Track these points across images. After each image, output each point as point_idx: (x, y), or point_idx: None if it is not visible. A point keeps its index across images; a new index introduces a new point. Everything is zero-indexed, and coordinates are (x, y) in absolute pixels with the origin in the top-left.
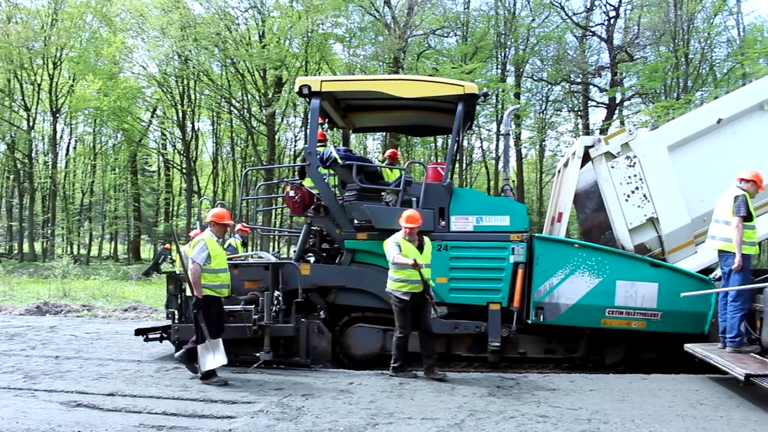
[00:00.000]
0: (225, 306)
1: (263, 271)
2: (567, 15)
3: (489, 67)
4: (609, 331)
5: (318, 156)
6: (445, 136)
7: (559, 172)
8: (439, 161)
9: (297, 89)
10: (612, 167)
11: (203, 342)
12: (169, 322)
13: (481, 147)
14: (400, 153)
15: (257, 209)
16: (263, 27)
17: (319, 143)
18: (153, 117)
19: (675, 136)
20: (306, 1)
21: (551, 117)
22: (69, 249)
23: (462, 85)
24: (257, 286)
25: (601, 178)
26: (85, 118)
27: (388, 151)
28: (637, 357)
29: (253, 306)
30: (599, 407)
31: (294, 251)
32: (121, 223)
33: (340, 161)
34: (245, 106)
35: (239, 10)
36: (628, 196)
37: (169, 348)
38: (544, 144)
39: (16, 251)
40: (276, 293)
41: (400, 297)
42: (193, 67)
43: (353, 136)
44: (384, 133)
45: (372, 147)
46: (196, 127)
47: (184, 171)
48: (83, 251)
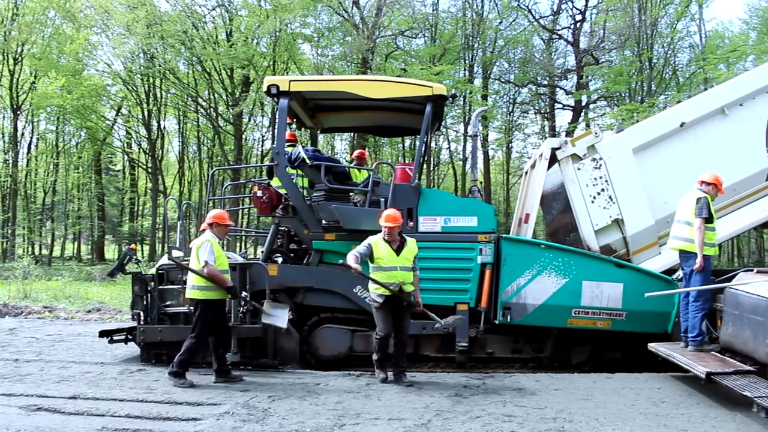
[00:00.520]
0: (192, 307)
1: (230, 272)
2: (534, 18)
3: (457, 69)
4: (575, 331)
5: (286, 156)
6: (413, 137)
7: (527, 173)
8: (407, 162)
9: (265, 89)
10: (578, 169)
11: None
12: (135, 323)
13: (449, 148)
14: (367, 153)
15: (224, 209)
16: (231, 26)
17: (290, 143)
18: (118, 115)
19: (640, 138)
20: (274, 1)
21: (518, 119)
22: (30, 249)
23: (430, 86)
24: None
25: (568, 179)
26: (48, 115)
27: (355, 152)
28: (603, 356)
29: None
30: (564, 406)
31: (261, 252)
32: (85, 223)
33: (308, 161)
34: (212, 105)
35: (206, 8)
36: (594, 197)
37: (134, 350)
38: (511, 146)
39: None
40: (243, 294)
41: (374, 298)
42: (159, 65)
43: (321, 136)
44: (352, 134)
45: (340, 147)
46: (161, 126)
47: (149, 170)
48: (45, 252)
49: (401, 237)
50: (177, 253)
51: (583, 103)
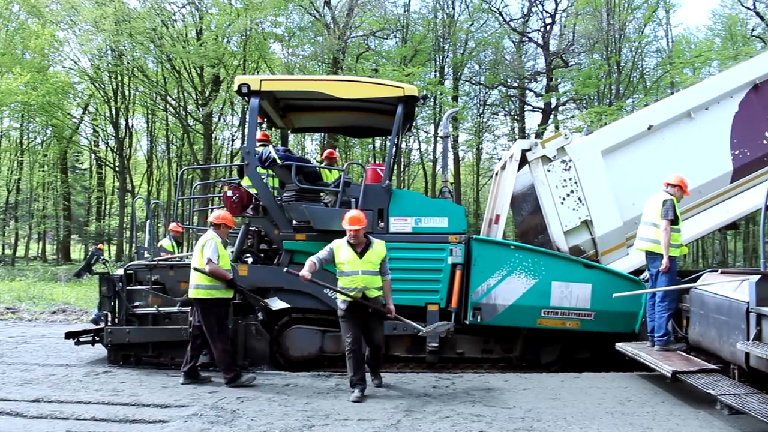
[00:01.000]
0: (160, 308)
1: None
2: (505, 20)
3: (427, 70)
4: (544, 331)
5: (257, 156)
6: (384, 137)
7: (497, 174)
8: (378, 162)
9: (236, 88)
10: (548, 171)
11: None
12: (102, 324)
13: (419, 149)
14: (338, 154)
15: (193, 209)
16: (201, 24)
17: (261, 143)
18: (85, 113)
19: (608, 141)
20: None
21: (488, 120)
22: None
23: (402, 87)
24: None
25: (538, 181)
26: (12, 112)
27: (326, 152)
28: (572, 356)
29: (190, 308)
30: (533, 406)
31: (231, 252)
32: (50, 223)
33: (278, 161)
34: (181, 104)
35: (176, 5)
36: (563, 199)
37: (100, 352)
38: (481, 147)
39: None
40: None
41: (339, 305)
42: (128, 63)
43: (291, 136)
44: (322, 134)
45: (310, 147)
46: (130, 125)
47: (117, 169)
48: (8, 252)
49: (367, 239)
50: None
51: (553, 106)
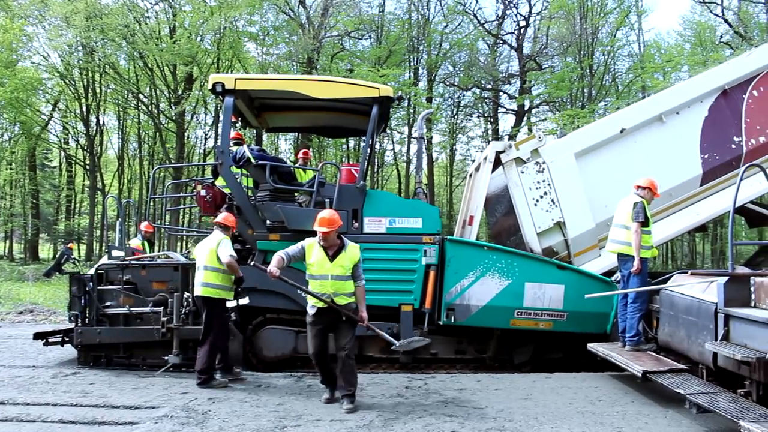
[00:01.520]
0: (132, 308)
1: (172, 272)
2: (479, 23)
3: (402, 71)
4: (517, 332)
5: (231, 155)
6: (358, 137)
7: (471, 176)
8: (352, 163)
9: (210, 86)
10: (522, 172)
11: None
12: (72, 325)
13: (393, 150)
14: (312, 154)
15: (166, 208)
16: (174, 21)
17: (235, 142)
18: (54, 110)
19: (581, 143)
20: None
21: (462, 122)
22: None
23: (377, 88)
24: (166, 287)
25: (512, 182)
26: None
27: (300, 152)
28: (544, 357)
29: (162, 308)
30: (504, 406)
31: None
32: (18, 221)
33: (253, 161)
34: (154, 101)
35: (149, 2)
36: (536, 200)
37: (69, 353)
38: (454, 148)
39: None
40: (186, 294)
41: (308, 309)
42: (99, 60)
43: (265, 135)
44: (296, 134)
45: (284, 147)
46: (101, 122)
47: (87, 167)
48: None
49: (341, 241)
50: (117, 253)
51: (526, 108)
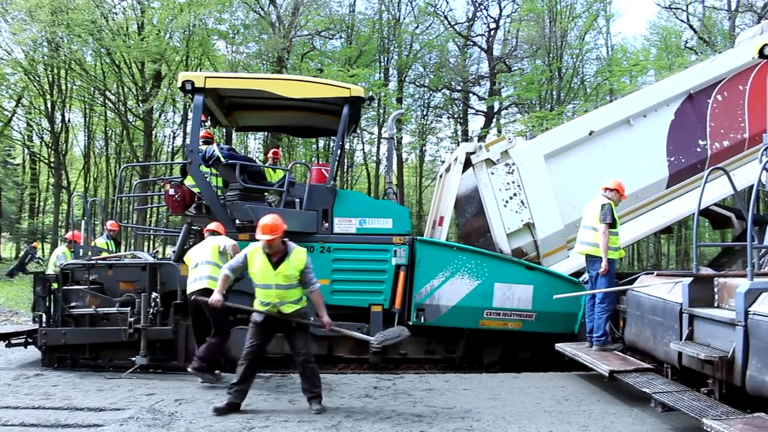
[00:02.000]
0: (99, 308)
1: (140, 272)
2: (450, 24)
3: (372, 71)
4: (487, 332)
5: (200, 154)
6: (328, 137)
7: (441, 176)
8: (322, 163)
9: (180, 84)
10: (492, 173)
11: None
12: (36, 326)
13: (363, 150)
14: (281, 153)
15: (133, 207)
16: (142, 18)
17: (204, 141)
18: (18, 106)
19: (551, 145)
20: None
21: (432, 123)
22: None
23: (348, 88)
24: (133, 287)
25: (482, 183)
26: None
27: (270, 151)
28: (513, 357)
29: (129, 308)
30: (473, 406)
31: (173, 251)
32: None
33: (222, 160)
34: (121, 99)
35: None
36: (506, 201)
37: (33, 354)
38: (424, 149)
39: None
40: (153, 295)
41: (254, 315)
42: (65, 56)
43: (235, 134)
44: (266, 133)
45: (253, 146)
46: (66, 119)
47: (52, 165)
48: None
49: (285, 247)
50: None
51: (495, 109)
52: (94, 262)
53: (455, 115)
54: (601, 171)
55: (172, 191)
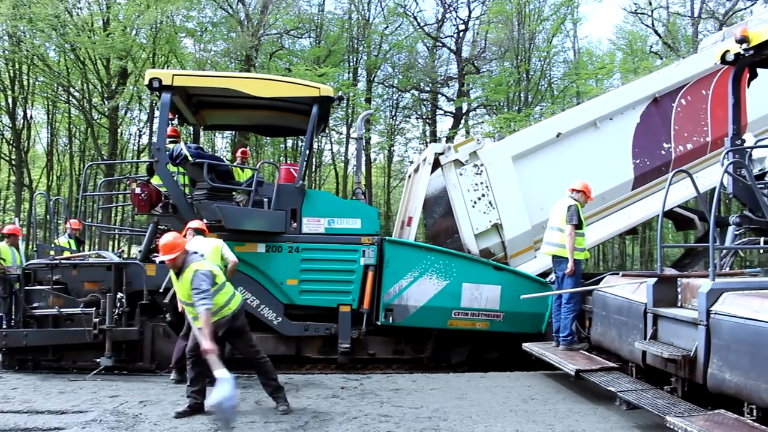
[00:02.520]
0: (62, 309)
1: (105, 272)
2: (419, 25)
3: (341, 71)
4: (455, 332)
5: (167, 153)
6: (296, 137)
7: (410, 177)
8: (291, 162)
9: (147, 82)
10: (460, 174)
11: None
12: None
13: (331, 150)
14: (249, 153)
15: (98, 206)
16: (108, 14)
17: (171, 140)
18: None
19: (519, 147)
20: None
21: (400, 123)
22: None
23: (318, 88)
24: (98, 287)
25: (450, 184)
26: None
27: (239, 150)
28: (481, 356)
29: (94, 309)
30: (440, 405)
31: (138, 251)
32: None
33: (190, 159)
34: (86, 96)
35: None
36: (474, 202)
37: None
38: (392, 149)
39: None
40: (119, 295)
41: None
42: (27, 51)
43: (202, 133)
44: (233, 132)
45: (221, 145)
46: (28, 116)
47: (13, 162)
48: None
49: (183, 264)
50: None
51: (464, 110)
52: (57, 261)
53: (424, 116)
54: (568, 172)
55: (138, 190)
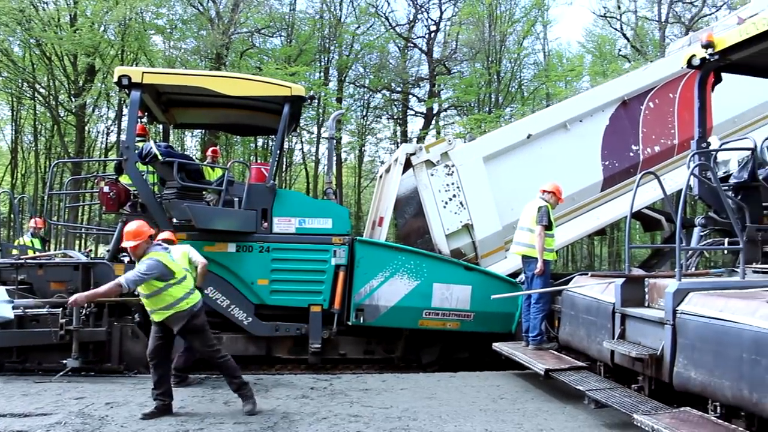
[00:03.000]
0: (28, 310)
1: (72, 272)
2: (391, 25)
3: (312, 70)
4: (426, 332)
5: (136, 151)
6: (267, 136)
7: (381, 177)
8: (261, 162)
9: (116, 79)
10: (432, 175)
11: None
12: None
13: (302, 149)
14: (220, 152)
15: (65, 204)
16: (75, 9)
17: (140, 138)
18: None
19: (490, 148)
20: None
21: (371, 123)
22: None
23: (289, 87)
24: (65, 287)
25: (421, 184)
26: None
27: (209, 149)
28: (451, 356)
29: (60, 309)
30: (409, 405)
31: (106, 250)
32: None
33: (160, 158)
34: (52, 92)
35: None
36: (445, 203)
37: None
38: (363, 149)
39: None
40: None
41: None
42: None
43: (172, 131)
44: (203, 130)
45: (190, 144)
46: None
47: None
48: None
49: (143, 255)
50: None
51: (435, 111)
52: (22, 261)
53: (395, 116)
54: (539, 174)
55: (106, 189)
